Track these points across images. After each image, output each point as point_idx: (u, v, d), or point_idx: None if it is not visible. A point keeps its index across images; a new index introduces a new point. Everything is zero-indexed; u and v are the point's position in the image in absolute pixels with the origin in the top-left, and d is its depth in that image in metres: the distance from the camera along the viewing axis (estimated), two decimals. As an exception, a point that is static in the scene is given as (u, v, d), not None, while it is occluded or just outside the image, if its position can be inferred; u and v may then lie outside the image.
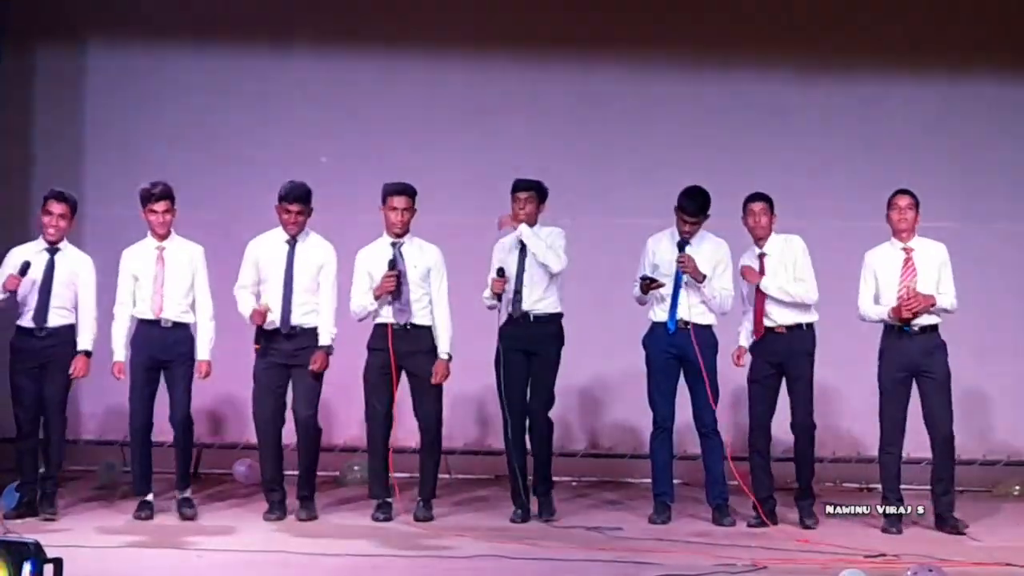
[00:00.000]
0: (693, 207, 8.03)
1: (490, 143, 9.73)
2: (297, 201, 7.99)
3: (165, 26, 9.85)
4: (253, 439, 8.46)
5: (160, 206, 7.95)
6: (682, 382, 8.10)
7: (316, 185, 8.21)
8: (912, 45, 9.68)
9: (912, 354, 7.85)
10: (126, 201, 8.49)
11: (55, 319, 7.92)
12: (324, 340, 8.02)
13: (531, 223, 8.06)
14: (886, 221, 7.96)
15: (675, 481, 8.31)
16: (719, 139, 9.75)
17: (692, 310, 7.98)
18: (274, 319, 7.95)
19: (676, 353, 8.02)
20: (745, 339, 8.15)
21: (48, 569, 5.26)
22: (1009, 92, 9.71)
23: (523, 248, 8.09)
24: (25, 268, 7.82)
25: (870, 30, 9.68)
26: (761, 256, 8.07)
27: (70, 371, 7.91)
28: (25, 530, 7.10)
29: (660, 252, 8.10)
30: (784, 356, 8.01)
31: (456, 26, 9.79)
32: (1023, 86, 9.70)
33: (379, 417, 8.04)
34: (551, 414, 8.13)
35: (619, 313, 8.30)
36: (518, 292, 8.06)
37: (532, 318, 8.07)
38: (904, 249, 7.94)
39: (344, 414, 9.37)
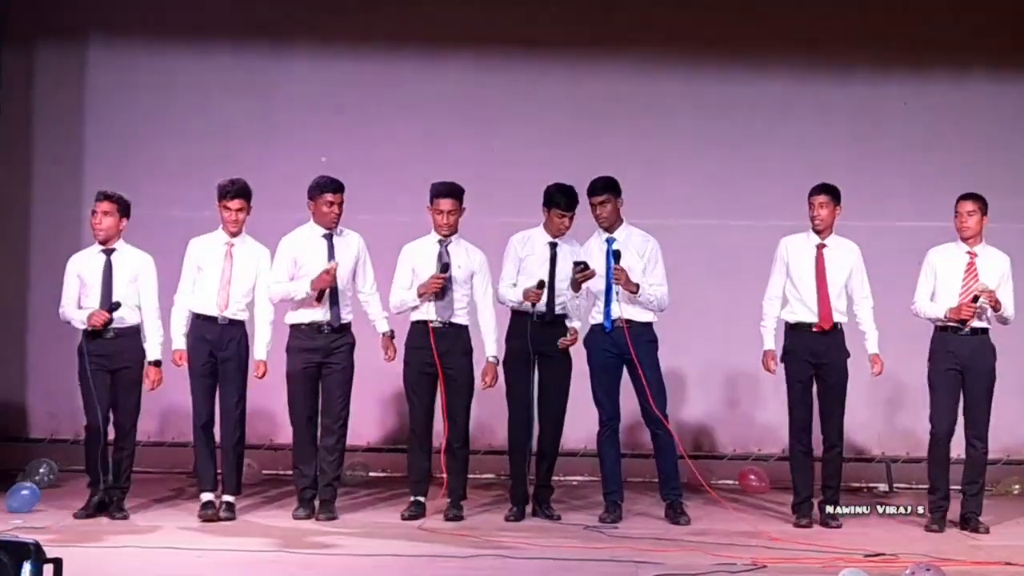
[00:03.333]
0: (565, 201, 8.10)
1: (490, 143, 9.74)
2: (338, 191, 8.00)
3: (166, 26, 9.84)
4: (252, 439, 8.47)
5: (235, 204, 7.95)
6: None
7: (315, 186, 8.22)
8: (909, 45, 9.68)
9: (963, 354, 7.88)
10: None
11: (120, 319, 7.90)
12: (383, 327, 8.14)
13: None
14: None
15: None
16: (718, 139, 9.76)
17: (628, 309, 7.99)
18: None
19: (616, 351, 8.02)
20: (771, 340, 8.11)
21: (48, 569, 5.26)
22: (1005, 91, 9.71)
23: (554, 246, 8.13)
24: (115, 307, 7.80)
25: (868, 29, 9.68)
26: (820, 247, 8.05)
27: (145, 385, 7.93)
28: (26, 531, 7.11)
29: (590, 254, 8.10)
30: (823, 356, 7.99)
31: (456, 26, 9.79)
32: (1018, 85, 9.70)
33: (421, 415, 8.08)
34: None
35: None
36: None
37: (551, 318, 8.12)
38: (968, 253, 7.95)
39: (353, 414, 9.38)
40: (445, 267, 7.98)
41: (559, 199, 8.14)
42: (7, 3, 9.62)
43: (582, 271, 7.95)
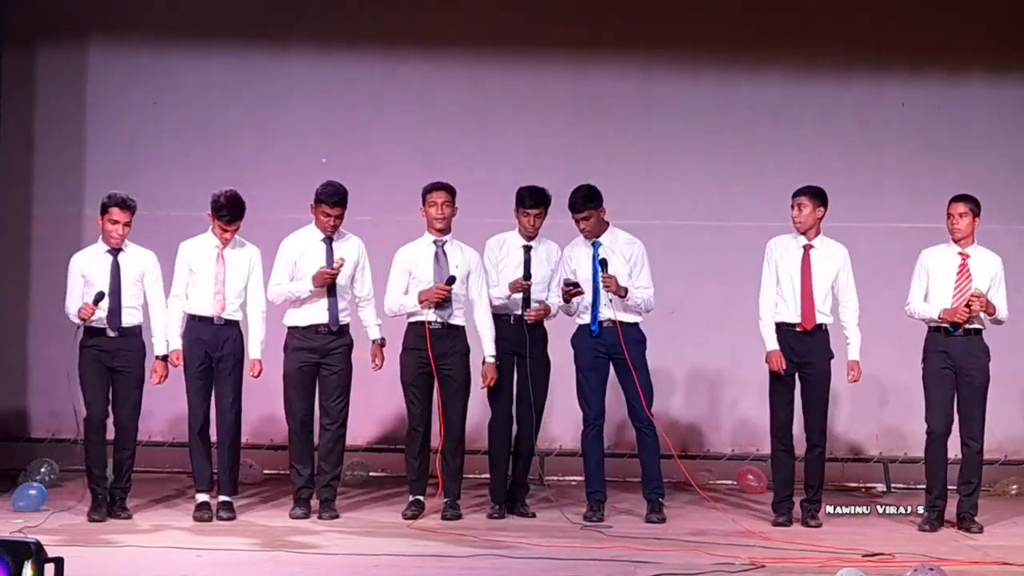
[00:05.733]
0: (534, 199, 8.17)
1: (490, 144, 9.75)
2: (337, 205, 8.02)
3: (166, 27, 9.85)
4: (253, 439, 8.50)
5: (232, 227, 7.96)
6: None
7: (316, 186, 8.22)
8: (908, 46, 9.70)
9: (956, 354, 7.89)
10: (127, 201, 8.50)
11: (127, 319, 7.94)
12: (375, 334, 8.18)
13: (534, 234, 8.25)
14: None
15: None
16: (717, 140, 9.77)
17: (616, 311, 8.03)
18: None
19: (604, 352, 8.07)
20: (774, 341, 8.04)
21: (49, 569, 5.28)
22: (1003, 93, 9.73)
23: (528, 249, 8.19)
24: (100, 297, 7.82)
25: (867, 31, 9.69)
26: (807, 248, 8.08)
27: (151, 379, 7.95)
28: (27, 531, 7.13)
29: (576, 259, 8.16)
30: (805, 355, 8.01)
31: (456, 27, 9.80)
32: (1016, 87, 9.73)
33: (419, 414, 8.09)
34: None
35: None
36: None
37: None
38: (960, 254, 7.97)
39: (351, 413, 9.41)
40: (451, 280, 7.99)
41: (523, 197, 8.20)
42: (7, 3, 9.63)
43: (569, 290, 8.02)
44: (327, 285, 7.96)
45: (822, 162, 9.66)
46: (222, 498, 8.07)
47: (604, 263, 8.01)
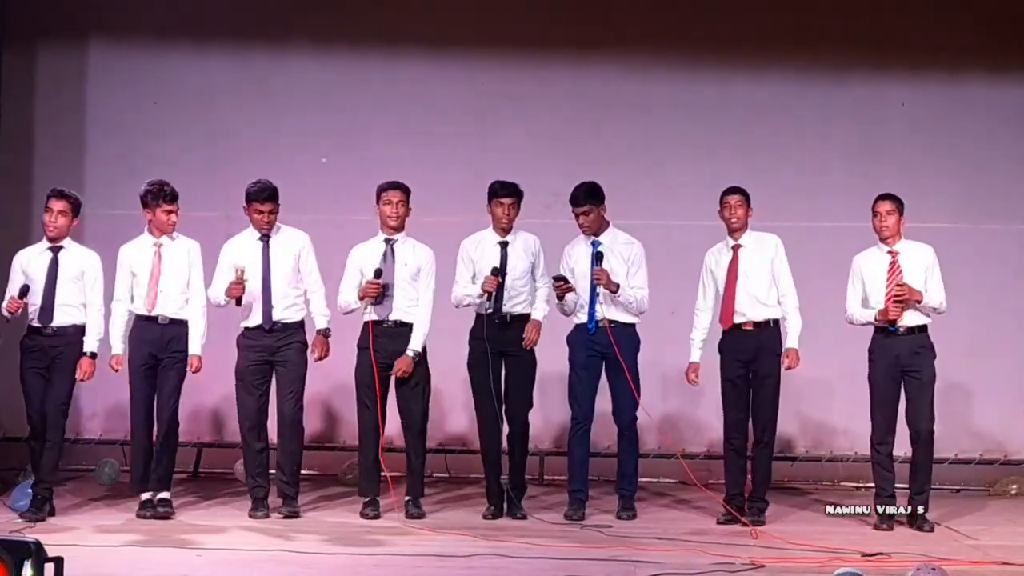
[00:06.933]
0: (506, 189, 8.17)
1: (489, 143, 9.75)
2: (268, 200, 8.02)
3: (166, 26, 9.87)
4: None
5: (173, 206, 7.97)
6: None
7: (316, 185, 8.25)
8: (908, 46, 9.71)
9: (900, 353, 7.91)
10: (127, 200, 8.51)
11: (62, 317, 7.90)
12: (320, 324, 8.13)
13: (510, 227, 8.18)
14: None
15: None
16: (717, 140, 9.78)
17: (610, 310, 8.05)
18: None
19: (599, 351, 8.08)
20: (698, 353, 8.17)
21: (49, 568, 5.28)
22: (1003, 93, 9.74)
23: (504, 245, 8.16)
24: (25, 291, 7.83)
25: (866, 31, 9.70)
26: (736, 248, 8.13)
27: (76, 374, 7.90)
28: (30, 530, 7.13)
29: (575, 257, 8.17)
30: (753, 354, 8.04)
31: (456, 27, 9.82)
32: (1016, 87, 9.73)
33: (369, 415, 8.08)
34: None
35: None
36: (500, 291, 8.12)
37: (509, 318, 8.15)
38: (890, 252, 7.99)
39: (345, 413, 9.41)
40: (378, 273, 7.98)
41: (495, 188, 8.19)
42: (7, 3, 9.63)
43: (560, 285, 8.02)
44: (238, 296, 7.91)
45: (822, 162, 9.67)
46: (161, 495, 7.96)
47: (598, 257, 8.01)
